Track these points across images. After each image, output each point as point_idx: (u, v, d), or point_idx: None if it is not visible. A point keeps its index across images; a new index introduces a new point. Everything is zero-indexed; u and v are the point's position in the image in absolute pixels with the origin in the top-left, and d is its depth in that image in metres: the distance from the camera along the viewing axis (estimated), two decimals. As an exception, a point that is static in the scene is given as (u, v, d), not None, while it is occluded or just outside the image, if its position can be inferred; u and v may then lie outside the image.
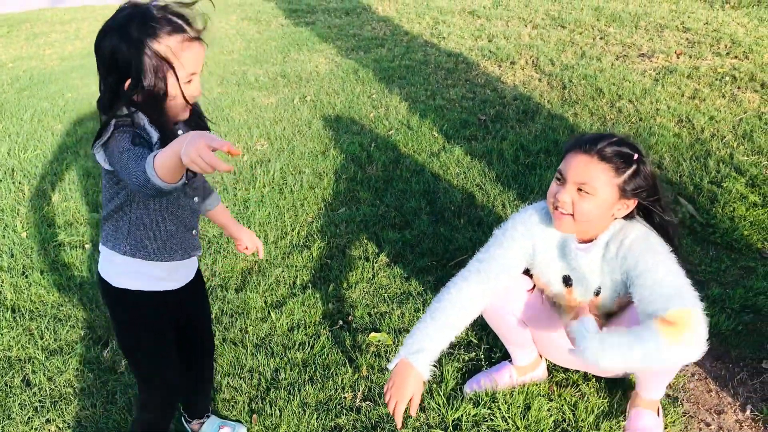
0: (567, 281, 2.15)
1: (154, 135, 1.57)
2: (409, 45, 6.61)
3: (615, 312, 2.15)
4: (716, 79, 4.91)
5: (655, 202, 1.98)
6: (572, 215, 1.96)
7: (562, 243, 2.10)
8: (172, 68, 1.54)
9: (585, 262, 2.06)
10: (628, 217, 2.01)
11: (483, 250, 2.18)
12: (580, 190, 1.92)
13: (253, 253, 2.14)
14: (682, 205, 3.41)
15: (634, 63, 5.43)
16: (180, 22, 1.55)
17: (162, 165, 1.39)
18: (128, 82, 1.54)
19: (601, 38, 6.13)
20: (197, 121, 1.77)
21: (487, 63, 5.83)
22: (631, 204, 1.97)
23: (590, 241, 2.04)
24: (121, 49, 1.51)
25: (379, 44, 6.76)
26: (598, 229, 2.02)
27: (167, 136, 1.59)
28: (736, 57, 5.30)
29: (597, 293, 2.11)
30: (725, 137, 4.08)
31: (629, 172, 1.90)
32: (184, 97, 1.60)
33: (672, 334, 1.72)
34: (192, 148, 1.33)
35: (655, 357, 1.74)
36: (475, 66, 5.80)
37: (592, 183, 1.90)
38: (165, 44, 1.52)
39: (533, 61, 5.72)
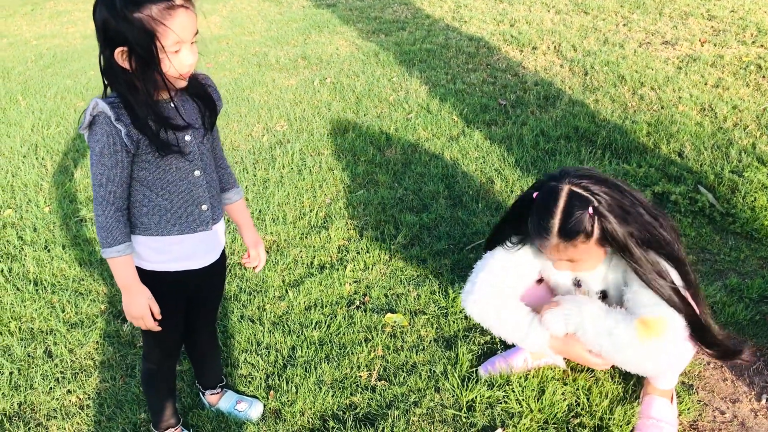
0: (577, 283, 2.23)
1: (122, 130, 1.62)
2: (430, 28, 6.58)
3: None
4: (741, 68, 4.85)
5: (628, 241, 1.92)
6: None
7: None
8: (155, 36, 1.56)
9: (589, 277, 2.17)
10: None
11: (497, 259, 2.21)
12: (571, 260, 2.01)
13: (253, 267, 2.17)
14: (702, 194, 3.39)
15: (658, 50, 5.37)
16: None
17: (110, 262, 1.74)
18: (118, 50, 1.57)
19: (624, 25, 6.06)
20: (200, 91, 1.79)
21: (509, 48, 5.80)
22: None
23: None
24: (109, 19, 1.55)
25: (401, 27, 6.74)
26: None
27: (158, 109, 1.67)
28: (762, 46, 5.22)
29: (603, 296, 2.19)
30: (748, 127, 4.03)
31: (597, 225, 1.89)
32: (169, 72, 1.63)
33: (644, 332, 1.92)
34: (131, 317, 1.80)
35: (622, 341, 1.95)
36: (496, 51, 5.77)
37: (577, 256, 1.97)
38: (147, 13, 1.53)
39: (555, 47, 5.68)
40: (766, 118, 4.10)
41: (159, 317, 1.82)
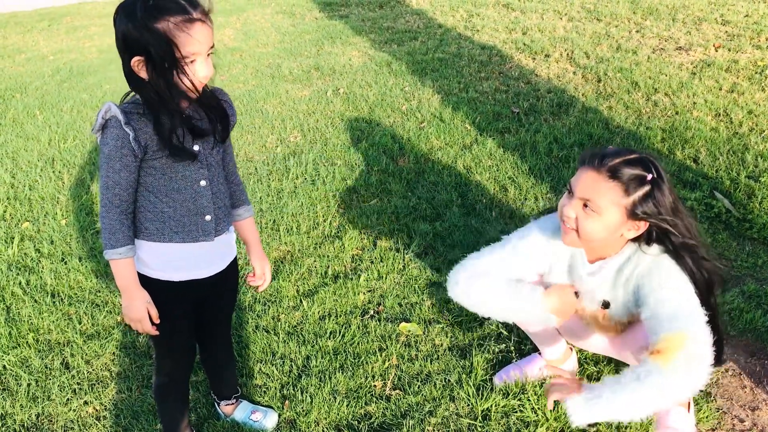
0: (575, 293, 2.14)
1: (130, 134, 1.67)
2: (442, 38, 6.60)
3: (629, 322, 2.14)
4: (756, 73, 4.82)
5: (672, 227, 1.84)
6: (577, 231, 1.91)
7: (571, 261, 2.09)
8: (173, 46, 1.60)
9: (591, 285, 2.06)
10: (646, 241, 1.92)
11: (498, 249, 2.14)
12: (585, 206, 1.86)
13: (255, 286, 2.18)
14: (718, 199, 3.36)
15: (671, 56, 5.35)
16: (183, 2, 1.61)
17: (112, 264, 1.77)
18: (134, 60, 1.63)
19: (637, 31, 6.04)
20: (213, 103, 1.82)
21: (521, 56, 5.79)
22: (642, 226, 1.87)
23: (602, 259, 2.02)
24: (129, 28, 1.61)
25: (413, 37, 6.76)
26: (609, 250, 1.98)
27: (173, 116, 1.70)
28: (777, 50, 5.19)
29: (605, 306, 2.09)
30: (764, 131, 4.00)
31: (640, 193, 1.81)
32: (179, 81, 1.66)
33: (665, 359, 1.72)
34: (129, 320, 1.81)
35: (661, 389, 1.72)
36: (508, 59, 5.77)
37: (597, 201, 1.83)
38: (165, 24, 1.58)
39: (568, 54, 5.67)
40: (782, 122, 4.07)
41: (157, 321, 1.83)
